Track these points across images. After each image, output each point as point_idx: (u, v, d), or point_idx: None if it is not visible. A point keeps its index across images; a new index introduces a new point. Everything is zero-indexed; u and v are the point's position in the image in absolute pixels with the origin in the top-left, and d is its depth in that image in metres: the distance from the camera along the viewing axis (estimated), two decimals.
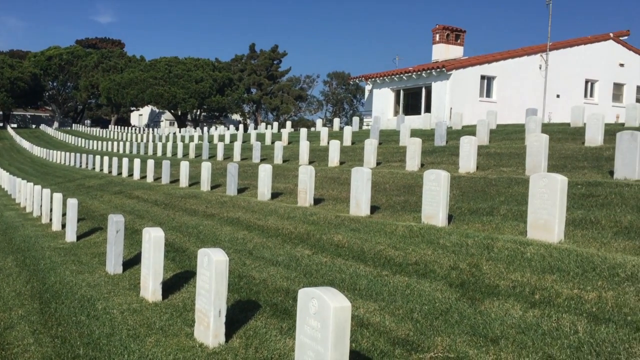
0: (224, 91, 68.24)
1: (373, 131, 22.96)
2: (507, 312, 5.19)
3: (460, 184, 12.12)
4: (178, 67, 67.28)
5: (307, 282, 6.83)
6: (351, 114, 75.34)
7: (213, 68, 69.28)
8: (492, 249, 7.03)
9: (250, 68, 71.22)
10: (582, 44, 33.45)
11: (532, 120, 17.88)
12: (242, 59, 73.50)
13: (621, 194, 9.16)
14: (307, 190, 12.22)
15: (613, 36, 34.23)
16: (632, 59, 34.59)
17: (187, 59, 69.85)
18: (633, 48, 34.77)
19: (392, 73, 33.88)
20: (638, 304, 4.92)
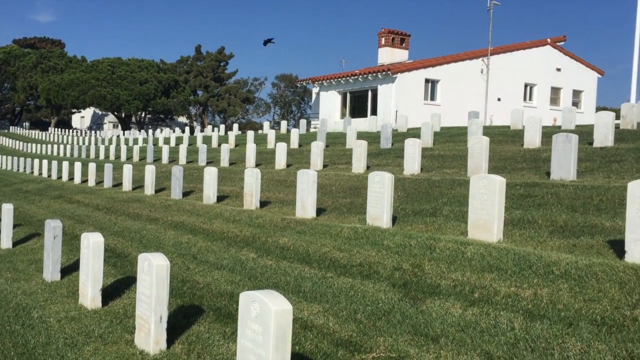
0: (169, 93, 67.14)
1: (320, 134, 23.05)
2: (447, 311, 5.29)
3: (404, 185, 12.31)
4: (121, 68, 65.76)
5: (251, 285, 6.78)
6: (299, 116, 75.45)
7: (158, 69, 68.06)
8: (435, 249, 7.16)
9: (196, 70, 70.28)
10: (522, 49, 34.55)
11: (474, 123, 18.34)
12: (187, 60, 72.46)
13: (557, 194, 9.49)
14: (253, 193, 12.15)
15: (550, 42, 35.50)
16: (568, 63, 35.95)
17: (131, 59, 68.36)
18: (569, 53, 36.15)
19: (339, 76, 34.12)
20: (571, 300, 5.10)
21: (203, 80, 69.61)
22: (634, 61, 24.58)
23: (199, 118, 73.32)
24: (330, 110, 34.95)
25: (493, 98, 32.74)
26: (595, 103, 37.49)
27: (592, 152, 13.10)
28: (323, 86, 35.58)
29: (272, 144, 24.95)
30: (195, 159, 24.03)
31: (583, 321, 4.67)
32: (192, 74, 70.60)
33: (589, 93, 36.93)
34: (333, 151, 20.71)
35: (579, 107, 35.33)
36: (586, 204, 8.65)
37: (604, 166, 11.48)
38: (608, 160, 11.90)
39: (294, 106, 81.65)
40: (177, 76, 69.69)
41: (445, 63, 32.22)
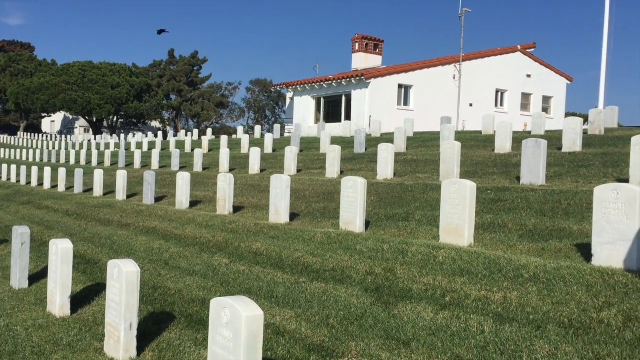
0: (142, 97, 66.44)
1: (294, 139, 23.05)
2: (419, 314, 5.33)
3: (378, 190, 12.37)
4: (93, 72, 64.86)
5: (224, 291, 6.74)
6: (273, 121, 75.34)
7: (130, 73, 67.31)
8: (407, 253, 7.21)
9: (169, 74, 69.65)
10: (493, 55, 35.05)
11: (446, 128, 18.52)
12: (160, 64, 71.78)
13: (527, 198, 9.64)
14: (226, 198, 12.09)
15: (521, 48, 36.09)
16: (538, 70, 36.58)
17: (103, 63, 67.48)
18: (539, 60, 36.79)
19: (313, 81, 34.18)
20: (539, 303, 5.18)
21: (176, 84, 69.03)
22: (602, 68, 25.10)
23: (172, 122, 72.67)
24: (304, 115, 34.98)
25: (465, 103, 33.13)
26: (564, 109, 38.19)
27: (561, 157, 13.34)
28: (297, 91, 35.61)
29: (246, 149, 24.86)
30: (168, 164, 23.82)
31: (551, 324, 4.74)
32: (165, 78, 69.97)
33: (558, 99, 37.61)
34: (307, 156, 20.72)
35: (548, 112, 35.96)
36: (555, 209, 8.80)
37: (572, 171, 11.69)
38: (576, 165, 12.13)
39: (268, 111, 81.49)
40: (150, 80, 69.01)
41: (418, 69, 32.52)
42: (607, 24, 24.63)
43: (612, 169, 11.31)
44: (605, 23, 24.71)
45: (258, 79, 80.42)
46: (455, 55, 33.75)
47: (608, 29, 24.64)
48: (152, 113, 68.47)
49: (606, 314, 4.75)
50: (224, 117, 78.12)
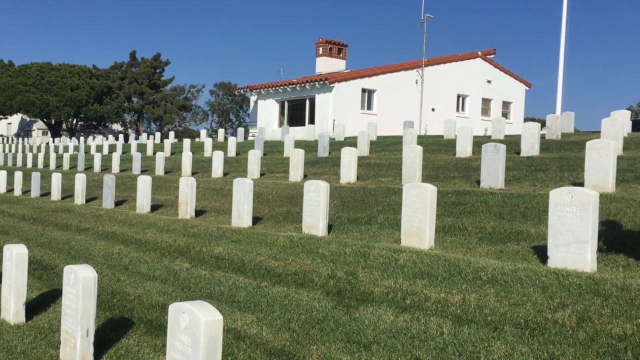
0: (102, 99, 65.20)
1: (257, 142, 22.97)
2: (380, 317, 5.37)
3: (341, 194, 12.42)
4: (51, 73, 63.35)
5: (184, 296, 6.66)
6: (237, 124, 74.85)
7: (90, 75, 65.96)
8: (369, 256, 7.25)
9: (131, 76, 68.50)
10: (454, 61, 35.62)
11: (408, 133, 18.73)
12: (122, 66, 70.54)
13: (486, 202, 9.81)
14: (188, 202, 11.97)
15: (481, 54, 36.76)
16: (498, 75, 37.32)
17: (62, 64, 65.96)
18: (498, 66, 37.54)
19: (277, 84, 34.14)
20: (497, 304, 5.28)
21: (138, 86, 67.97)
22: (559, 74, 25.76)
23: (133, 125, 71.53)
24: (268, 119, 34.90)
25: (427, 108, 33.56)
26: (523, 114, 39.07)
27: (520, 161, 13.62)
28: (261, 94, 35.51)
29: (209, 153, 24.66)
30: (129, 168, 23.45)
31: (508, 325, 4.83)
32: (126, 80, 68.82)
33: (517, 104, 38.44)
34: (271, 160, 20.67)
35: (508, 117, 36.71)
36: (513, 212, 8.98)
37: (530, 175, 11.96)
38: (534, 169, 12.40)
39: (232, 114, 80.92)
40: (111, 82, 67.78)
41: (382, 73, 32.80)
42: (564, 31, 25.31)
43: (568, 173, 11.61)
44: (563, 30, 25.38)
45: (222, 82, 79.84)
46: (417, 60, 34.18)
47: (565, 35, 25.31)
48: (113, 116, 67.25)
49: (560, 314, 4.87)
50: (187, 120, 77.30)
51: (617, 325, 4.55)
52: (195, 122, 78.38)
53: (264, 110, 35.29)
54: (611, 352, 4.21)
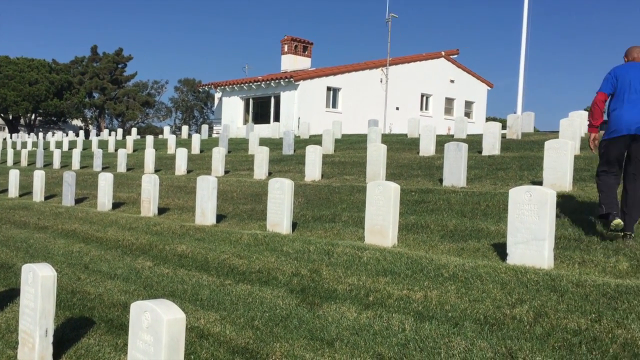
0: (62, 95, 63.73)
1: (222, 139, 22.82)
2: (343, 314, 5.41)
3: (305, 192, 12.44)
4: (9, 67, 61.62)
5: (146, 294, 6.59)
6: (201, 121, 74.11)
7: (50, 70, 64.41)
8: (333, 254, 7.30)
9: (92, 71, 67.12)
10: (418, 60, 36.03)
11: (373, 131, 18.88)
12: (82, 61, 69.06)
13: (448, 200, 9.97)
14: (150, 200, 11.82)
15: (444, 55, 37.26)
16: (460, 75, 37.89)
17: (20, 58, 64.21)
18: (461, 66, 38.11)
19: (242, 82, 33.96)
20: (457, 301, 5.38)
21: (99, 82, 66.67)
22: (520, 75, 26.30)
23: (95, 121, 70.17)
24: (233, 116, 34.69)
25: (392, 107, 33.86)
26: (485, 114, 39.76)
27: (481, 160, 13.87)
28: (226, 91, 35.27)
29: (172, 150, 24.38)
30: (90, 164, 23.02)
31: (468, 320, 4.93)
32: (87, 75, 67.43)
33: (479, 104, 39.09)
34: (235, 157, 20.56)
35: (470, 117, 37.31)
36: (474, 210, 9.15)
37: (491, 173, 12.19)
38: (495, 168, 12.65)
39: (196, 111, 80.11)
40: (71, 77, 66.32)
41: (347, 72, 32.96)
42: (525, 32, 25.85)
43: (527, 171, 11.87)
44: (523, 32, 25.92)
45: (186, 79, 78.99)
46: (382, 59, 34.44)
47: (526, 37, 25.86)
48: (74, 111, 65.82)
49: (518, 310, 4.99)
50: (150, 116, 76.21)
51: (572, 320, 4.69)
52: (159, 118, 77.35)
53: (229, 108, 35.07)
54: (566, 347, 4.34)
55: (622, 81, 6.64)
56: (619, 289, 5.14)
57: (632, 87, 6.58)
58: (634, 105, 6.54)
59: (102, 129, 59.19)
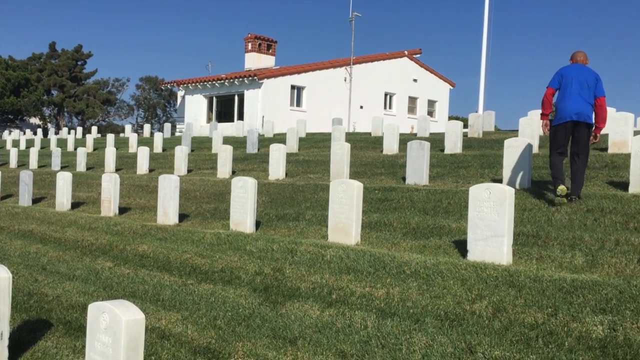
0: (19, 92, 62.04)
1: (185, 138, 22.58)
2: (306, 312, 5.42)
3: (269, 190, 12.41)
4: None
5: (106, 295, 6.48)
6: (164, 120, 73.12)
7: (6, 66, 62.60)
8: (296, 253, 7.30)
9: (50, 68, 65.46)
10: (382, 59, 36.27)
11: (337, 130, 18.92)
12: (40, 57, 67.30)
13: (411, 198, 10.07)
14: (111, 199, 11.62)
15: (408, 54, 37.61)
16: (423, 75, 38.30)
17: None
18: (424, 65, 38.53)
19: (205, 80, 33.66)
20: (419, 297, 5.44)
21: (58, 79, 65.10)
22: (481, 74, 26.75)
23: (53, 120, 68.51)
24: (196, 114, 34.35)
25: (356, 106, 34.01)
26: (447, 112, 40.28)
27: (443, 158, 14.06)
28: (189, 89, 34.90)
29: (134, 148, 24.00)
30: (49, 164, 22.48)
31: (429, 317, 5.00)
32: (45, 72, 65.76)
33: (442, 103, 39.60)
34: (198, 156, 20.37)
35: (433, 116, 37.77)
36: (436, 207, 9.27)
37: (453, 172, 12.36)
38: (457, 166, 12.83)
39: (159, 109, 78.96)
40: (29, 74, 64.58)
41: (311, 70, 32.97)
42: (486, 32, 26.29)
43: (488, 169, 12.08)
44: (484, 32, 26.35)
45: (148, 76, 77.68)
46: (346, 58, 34.56)
47: (487, 37, 26.30)
48: (31, 109, 64.11)
49: (478, 305, 5.08)
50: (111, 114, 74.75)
51: (529, 315, 4.80)
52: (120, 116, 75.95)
53: (192, 106, 34.72)
54: (523, 340, 4.43)
55: (566, 79, 8.24)
56: (575, 283, 5.28)
57: (573, 84, 8.17)
58: (575, 98, 8.14)
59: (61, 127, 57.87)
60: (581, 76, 8.23)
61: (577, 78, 8.20)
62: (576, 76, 8.22)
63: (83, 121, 66.42)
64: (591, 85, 8.17)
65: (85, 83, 68.86)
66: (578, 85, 8.16)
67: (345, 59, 34.42)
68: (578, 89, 8.14)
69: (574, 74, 8.26)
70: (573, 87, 8.16)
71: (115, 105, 74.10)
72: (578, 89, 8.14)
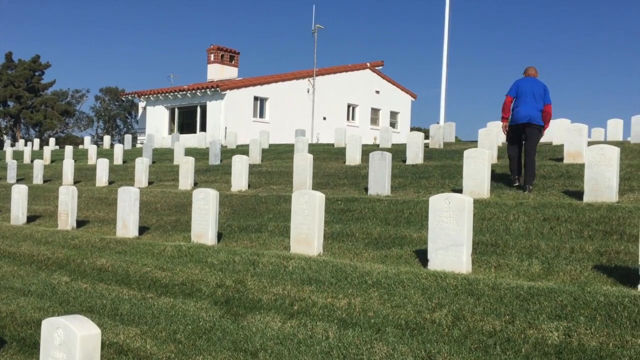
0: None
1: (146, 149, 22.29)
2: (267, 324, 5.38)
3: (232, 202, 12.33)
4: None
5: (62, 311, 6.32)
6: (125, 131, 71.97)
7: None
8: (258, 264, 7.26)
9: (6, 79, 63.83)
10: (345, 71, 36.55)
11: (300, 141, 18.96)
12: None
13: (373, 208, 10.14)
14: (68, 212, 11.37)
15: (370, 66, 37.99)
16: (386, 86, 38.73)
17: None
18: (386, 77, 38.98)
19: (167, 91, 33.33)
20: (380, 307, 5.47)
21: (15, 90, 63.51)
22: (442, 87, 27.16)
23: (10, 131, 66.76)
24: (157, 126, 33.95)
25: (319, 117, 34.14)
26: (409, 124, 40.78)
27: (405, 169, 14.21)
28: (150, 101, 34.49)
29: (93, 160, 23.56)
30: (4, 176, 21.87)
31: (390, 326, 5.03)
32: (1, 83, 64.15)
33: (404, 114, 40.06)
34: (160, 168, 20.12)
35: (395, 127, 38.16)
36: (398, 217, 9.35)
37: (414, 182, 12.50)
38: (418, 177, 12.98)
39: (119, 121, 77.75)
40: None
41: (274, 82, 32.99)
42: (446, 45, 26.75)
43: (448, 180, 12.26)
44: (445, 44, 26.81)
45: (108, 87, 76.47)
46: (309, 69, 34.71)
47: (447, 49, 26.76)
48: None
49: (438, 314, 5.13)
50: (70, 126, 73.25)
51: (487, 323, 4.87)
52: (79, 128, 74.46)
53: (154, 117, 34.31)
54: (482, 348, 4.49)
55: (521, 89, 10.06)
56: (531, 290, 5.38)
57: (527, 94, 9.99)
58: (528, 105, 9.96)
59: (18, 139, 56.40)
60: (533, 87, 10.00)
61: (530, 89, 9.99)
62: (529, 87, 10.01)
63: (41, 133, 64.92)
64: (541, 94, 10.00)
65: (43, 94, 67.39)
66: (531, 95, 9.96)
67: (309, 71, 34.57)
68: (530, 98, 9.95)
69: (528, 85, 10.06)
70: (527, 97, 9.97)
71: (75, 117, 72.70)
72: (530, 98, 9.95)
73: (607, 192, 8.86)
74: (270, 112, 32.59)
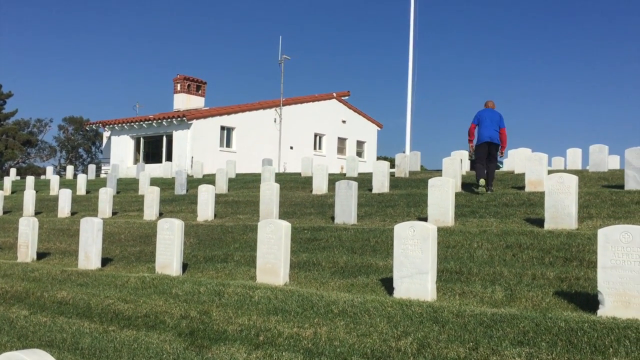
0: None
1: (110, 179, 21.97)
2: (232, 356, 5.32)
3: (197, 232, 12.22)
4: None
5: (20, 345, 6.13)
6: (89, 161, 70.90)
7: None
8: (223, 295, 7.19)
9: None
10: (311, 101, 36.86)
11: (267, 170, 18.97)
12: None
13: (340, 237, 10.17)
14: (29, 244, 11.11)
15: (336, 96, 38.42)
16: (352, 116, 39.15)
17: None
18: (353, 107, 39.43)
19: (132, 120, 33.06)
20: (346, 336, 5.46)
21: None
22: (407, 116, 27.61)
23: None
24: (122, 156, 33.56)
25: (286, 146, 34.24)
26: (376, 153, 41.17)
27: (371, 197, 14.32)
28: (115, 130, 34.14)
29: (55, 191, 23.09)
30: None
31: (355, 355, 5.02)
32: None
33: (370, 144, 40.47)
34: (124, 198, 19.84)
35: (362, 156, 38.49)
36: (364, 246, 9.39)
37: (380, 210, 12.60)
38: (384, 205, 13.10)
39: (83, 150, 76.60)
40: None
41: (241, 111, 33.04)
42: (411, 75, 27.29)
43: (414, 208, 12.39)
44: (410, 74, 27.35)
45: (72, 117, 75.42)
46: (276, 99, 34.90)
47: (412, 80, 27.30)
48: None
49: (403, 342, 5.15)
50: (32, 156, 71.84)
51: (452, 350, 4.91)
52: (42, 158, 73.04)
53: (118, 147, 33.93)
54: None
55: (482, 118, 12.86)
56: (495, 317, 5.45)
57: (487, 120, 12.77)
58: (487, 129, 12.70)
59: None
60: (491, 116, 12.82)
61: (489, 117, 12.80)
62: (488, 116, 12.82)
63: (1, 163, 63.46)
64: (497, 121, 12.79)
65: (4, 124, 66.10)
66: (490, 121, 12.73)
67: (275, 100, 34.76)
68: (489, 123, 12.72)
69: (487, 114, 12.87)
70: (487, 122, 12.73)
71: (37, 147, 71.35)
72: (489, 123, 12.72)
73: (567, 220, 9.08)
74: (237, 141, 32.57)
